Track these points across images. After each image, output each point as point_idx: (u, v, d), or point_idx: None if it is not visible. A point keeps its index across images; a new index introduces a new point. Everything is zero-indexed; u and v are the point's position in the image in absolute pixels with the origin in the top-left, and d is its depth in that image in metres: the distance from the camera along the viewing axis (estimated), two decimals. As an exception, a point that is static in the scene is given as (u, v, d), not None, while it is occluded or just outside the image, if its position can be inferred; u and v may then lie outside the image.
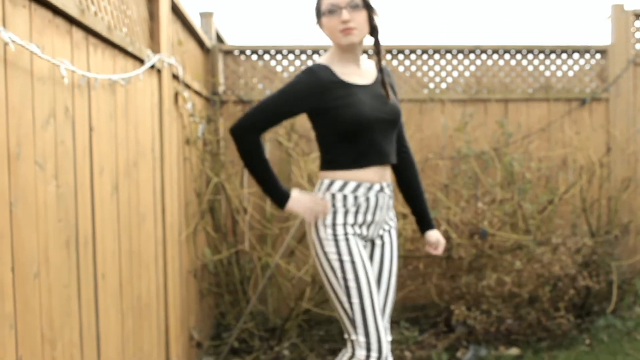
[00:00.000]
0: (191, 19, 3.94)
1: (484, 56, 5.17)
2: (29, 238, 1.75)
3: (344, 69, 2.43)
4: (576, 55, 5.21)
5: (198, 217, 4.10)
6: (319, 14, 2.42)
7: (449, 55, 5.15)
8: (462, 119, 4.97)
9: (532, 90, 5.18)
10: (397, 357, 4.28)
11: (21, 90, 1.71)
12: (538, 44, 5.17)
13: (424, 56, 5.15)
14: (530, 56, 5.18)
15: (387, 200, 2.52)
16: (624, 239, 5.05)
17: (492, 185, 4.79)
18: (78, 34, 2.12)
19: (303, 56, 5.07)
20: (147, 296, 2.90)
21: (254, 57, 5.08)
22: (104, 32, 2.30)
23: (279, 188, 2.44)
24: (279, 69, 5.06)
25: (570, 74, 5.22)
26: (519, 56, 5.18)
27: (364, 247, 2.49)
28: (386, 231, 2.58)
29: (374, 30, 2.43)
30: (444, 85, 5.16)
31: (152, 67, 2.99)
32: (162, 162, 3.19)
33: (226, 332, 4.61)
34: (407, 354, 4.33)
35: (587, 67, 5.23)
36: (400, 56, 5.13)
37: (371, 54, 5.11)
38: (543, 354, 4.28)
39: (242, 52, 5.07)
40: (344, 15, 2.33)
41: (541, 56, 5.19)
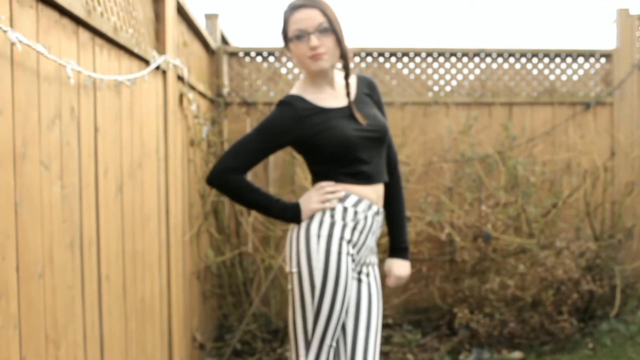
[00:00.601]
0: (196, 21, 3.94)
1: (488, 59, 5.16)
2: (34, 238, 1.75)
3: (318, 95, 2.32)
4: (581, 59, 5.21)
5: (202, 219, 4.10)
6: (286, 38, 2.29)
7: (453, 59, 5.15)
8: (466, 122, 4.97)
9: (536, 93, 5.18)
10: (400, 360, 4.27)
11: (27, 91, 1.72)
12: (543, 47, 5.16)
13: (429, 59, 5.14)
14: (535, 60, 5.18)
15: (379, 227, 2.38)
16: (627, 243, 5.04)
17: (496, 188, 4.79)
18: (84, 34, 2.12)
19: (307, 58, 5.06)
20: (150, 297, 2.90)
21: (259, 59, 5.08)
22: (110, 33, 2.31)
23: (285, 207, 2.31)
24: (283, 71, 5.06)
25: (575, 77, 5.22)
26: (523, 60, 5.18)
27: (353, 270, 2.32)
28: (371, 265, 2.41)
29: (344, 54, 2.30)
30: (448, 89, 5.15)
31: (158, 68, 3.00)
32: (167, 163, 3.19)
33: (229, 334, 4.61)
34: (410, 356, 4.33)
35: (592, 71, 5.22)
36: (405, 59, 5.13)
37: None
38: (546, 358, 4.27)
39: (246, 53, 5.07)
40: (313, 41, 2.20)
41: (546, 60, 5.18)
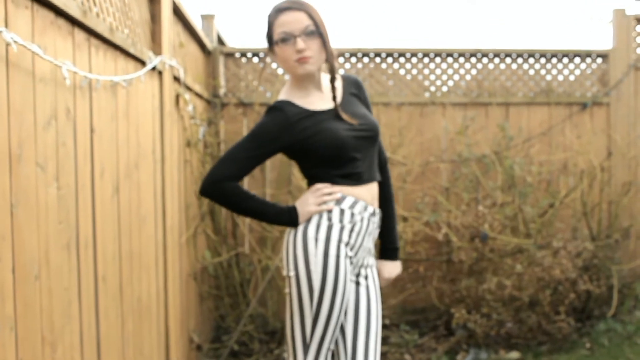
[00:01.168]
0: (192, 21, 3.94)
1: (485, 60, 5.16)
2: (30, 240, 1.74)
3: (305, 98, 2.29)
4: (577, 60, 5.21)
5: (198, 220, 4.10)
6: (270, 41, 2.25)
7: (450, 59, 5.15)
8: (463, 123, 4.97)
9: (533, 94, 5.18)
10: (397, 361, 4.27)
11: (23, 91, 1.71)
12: (539, 47, 5.17)
13: (425, 59, 5.14)
14: (531, 60, 5.18)
15: (375, 228, 2.36)
16: (624, 243, 5.04)
17: (493, 188, 4.79)
18: (80, 35, 2.12)
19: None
20: (147, 299, 2.89)
21: (255, 59, 5.08)
22: (106, 34, 2.30)
23: (282, 211, 2.29)
24: (280, 71, 5.05)
25: (572, 78, 5.22)
26: (520, 60, 5.18)
27: (351, 273, 2.30)
28: (369, 267, 2.38)
29: (329, 56, 2.26)
30: (445, 89, 5.15)
31: (154, 69, 2.99)
32: (163, 164, 3.18)
33: (226, 335, 4.60)
34: (407, 357, 4.33)
35: (589, 71, 5.23)
36: (402, 59, 5.13)
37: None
38: (543, 358, 4.28)
39: (243, 54, 5.07)
40: (299, 44, 2.17)
41: (542, 60, 5.19)
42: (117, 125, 2.49)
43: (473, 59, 5.15)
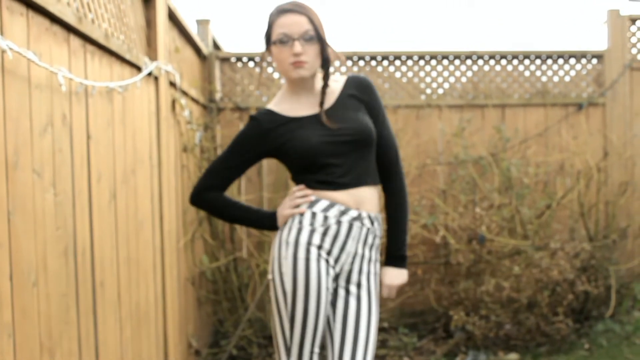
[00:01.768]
0: (188, 27, 3.94)
1: (480, 62, 5.18)
2: (27, 246, 1.74)
3: (293, 104, 2.30)
4: (572, 61, 5.23)
5: (196, 225, 4.10)
6: (268, 41, 2.26)
7: (445, 61, 5.16)
8: (459, 125, 4.98)
9: (529, 95, 5.19)
10: (396, 364, 4.27)
11: (19, 98, 1.71)
12: (534, 49, 5.18)
13: (421, 62, 5.15)
14: (526, 61, 5.19)
15: (364, 233, 2.29)
16: (622, 244, 5.05)
17: (490, 190, 4.80)
18: (75, 41, 2.12)
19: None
20: (145, 304, 2.89)
21: (251, 64, 5.08)
22: (101, 40, 2.30)
23: (264, 215, 2.37)
24: (276, 75, 5.06)
25: (567, 79, 5.23)
26: (515, 62, 5.19)
27: (328, 275, 2.25)
28: (364, 274, 2.32)
29: (325, 62, 2.26)
30: (440, 91, 5.16)
31: (150, 74, 2.99)
32: (160, 169, 3.18)
33: (225, 340, 4.59)
34: (406, 360, 4.33)
35: (584, 72, 5.24)
36: (397, 62, 5.14)
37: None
38: (542, 359, 4.28)
39: (239, 59, 5.07)
40: (296, 47, 2.17)
41: (538, 61, 5.20)
42: (113, 131, 2.49)
43: (468, 61, 5.16)
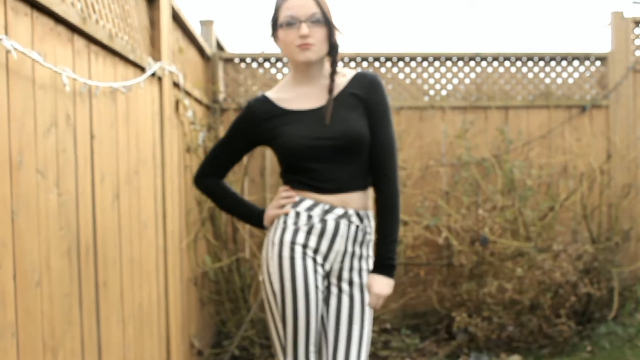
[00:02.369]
0: (192, 27, 3.94)
1: (484, 63, 5.17)
2: (31, 246, 1.74)
3: (292, 94, 2.27)
4: (576, 63, 5.22)
5: (199, 225, 4.10)
6: (275, 25, 2.23)
7: (449, 63, 5.16)
8: (462, 126, 4.98)
9: (532, 97, 5.19)
10: (399, 365, 4.27)
11: (23, 98, 1.71)
12: (538, 51, 5.18)
13: (424, 63, 5.15)
14: (530, 63, 5.19)
15: (352, 230, 2.24)
16: (624, 246, 5.04)
17: (492, 192, 4.79)
18: (79, 42, 2.12)
19: (303, 64, 5.07)
20: (148, 304, 2.89)
21: (254, 64, 5.09)
22: (105, 40, 2.31)
23: (252, 212, 2.38)
24: (279, 76, 5.06)
25: (571, 81, 5.23)
26: (519, 63, 5.19)
27: (316, 273, 2.22)
28: (355, 271, 2.28)
29: (333, 48, 2.22)
30: (444, 93, 5.16)
31: (153, 74, 3.00)
32: (163, 169, 3.19)
33: (227, 340, 4.59)
34: (409, 361, 4.32)
35: (587, 74, 5.24)
36: (401, 63, 5.14)
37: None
38: (545, 361, 4.28)
39: (242, 59, 5.08)
40: (303, 29, 2.14)
41: (541, 63, 5.20)
42: (117, 131, 2.49)
43: (472, 63, 5.16)
